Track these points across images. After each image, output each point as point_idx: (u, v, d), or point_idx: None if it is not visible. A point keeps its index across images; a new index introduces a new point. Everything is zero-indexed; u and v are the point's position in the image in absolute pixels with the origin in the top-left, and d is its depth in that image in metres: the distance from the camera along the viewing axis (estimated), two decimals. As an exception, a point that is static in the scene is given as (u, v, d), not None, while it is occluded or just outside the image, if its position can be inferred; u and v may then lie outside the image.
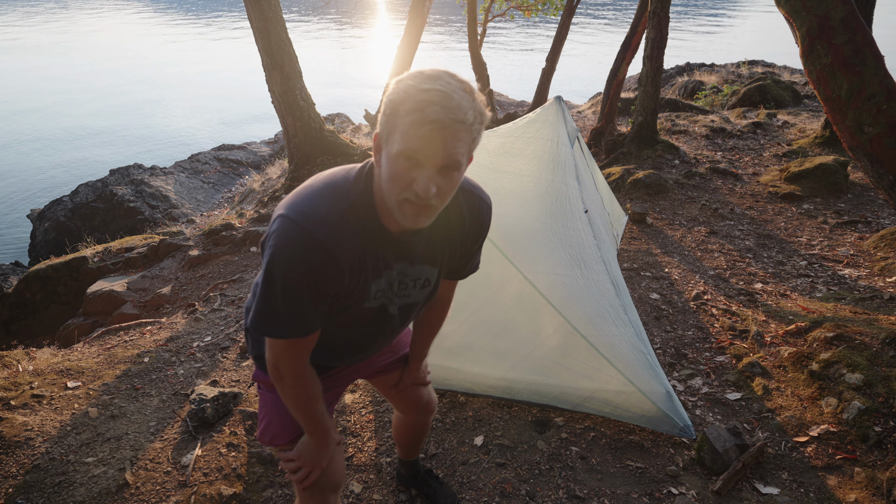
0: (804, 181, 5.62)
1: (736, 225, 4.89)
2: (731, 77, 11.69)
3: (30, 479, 2.27)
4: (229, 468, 2.34)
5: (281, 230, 1.14)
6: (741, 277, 3.91)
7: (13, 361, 3.13)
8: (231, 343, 3.41)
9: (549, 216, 2.64)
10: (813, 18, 2.79)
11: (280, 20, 6.75)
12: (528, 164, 2.83)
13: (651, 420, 2.37)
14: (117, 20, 46.66)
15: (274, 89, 6.96)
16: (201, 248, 5.55)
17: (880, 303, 3.34)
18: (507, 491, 2.20)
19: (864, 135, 2.77)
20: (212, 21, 45.23)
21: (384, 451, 2.45)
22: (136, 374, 3.06)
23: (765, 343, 3.01)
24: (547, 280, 2.45)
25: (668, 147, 6.62)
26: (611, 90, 7.40)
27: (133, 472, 2.31)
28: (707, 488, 2.17)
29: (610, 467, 2.29)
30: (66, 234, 9.05)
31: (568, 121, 3.19)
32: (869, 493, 2.08)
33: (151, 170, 10.75)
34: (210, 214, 7.67)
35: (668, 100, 9.36)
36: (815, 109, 8.91)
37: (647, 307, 3.49)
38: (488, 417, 2.58)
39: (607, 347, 2.37)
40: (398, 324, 1.42)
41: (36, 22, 45.03)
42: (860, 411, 2.37)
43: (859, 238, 4.52)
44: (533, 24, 38.58)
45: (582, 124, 9.56)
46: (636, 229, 4.86)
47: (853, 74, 2.73)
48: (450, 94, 1.03)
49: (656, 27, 6.14)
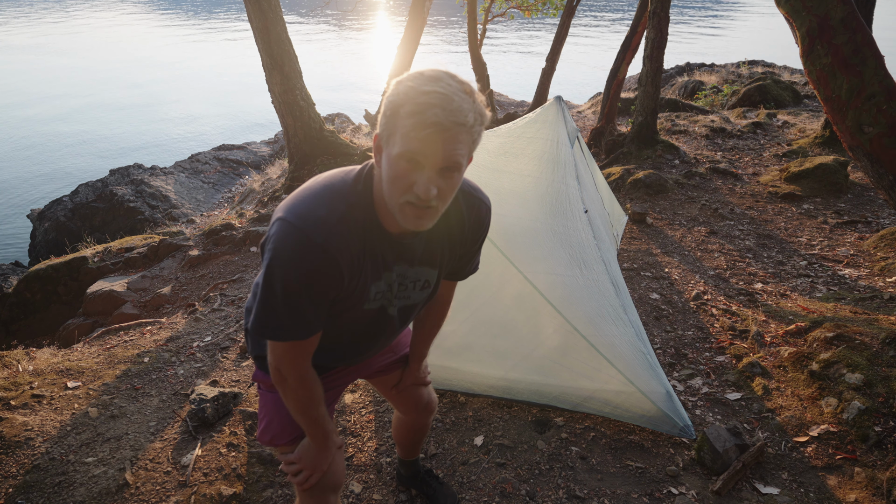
0: (804, 181, 5.62)
1: (736, 225, 4.89)
2: (731, 77, 11.70)
3: (30, 479, 2.27)
4: (229, 468, 2.34)
5: (280, 233, 1.14)
6: (741, 277, 3.91)
7: (13, 361, 3.13)
8: (231, 343, 3.41)
9: (549, 216, 2.64)
10: (813, 18, 2.79)
11: (280, 20, 6.75)
12: (528, 163, 2.84)
13: (651, 420, 2.37)
14: (116, 20, 46.66)
15: (274, 89, 6.96)
16: (201, 248, 5.55)
17: (880, 303, 3.34)
18: (507, 491, 2.20)
19: (864, 135, 2.77)
20: (210, 20, 45.25)
21: (384, 451, 2.45)
22: (136, 374, 3.06)
23: (765, 343, 3.01)
24: (547, 280, 2.45)
25: (668, 147, 6.62)
26: (611, 90, 7.40)
27: (133, 472, 2.31)
28: (707, 488, 2.17)
29: (610, 467, 2.29)
30: (66, 234, 9.05)
31: (568, 121, 3.19)
32: (869, 493, 2.08)
33: (151, 170, 10.75)
34: (210, 214, 7.67)
35: (668, 100, 9.36)
36: (815, 109, 8.91)
37: (647, 307, 3.49)
38: (488, 417, 2.58)
39: (607, 347, 2.37)
40: (398, 325, 1.43)
41: (30, 22, 45.03)
42: (860, 411, 2.37)
43: (859, 238, 4.52)
44: (533, 25, 38.58)
45: (582, 124, 9.56)
46: (636, 229, 4.87)
47: (853, 74, 2.73)
48: (450, 96, 1.03)
49: (656, 27, 6.14)
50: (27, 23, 44.75)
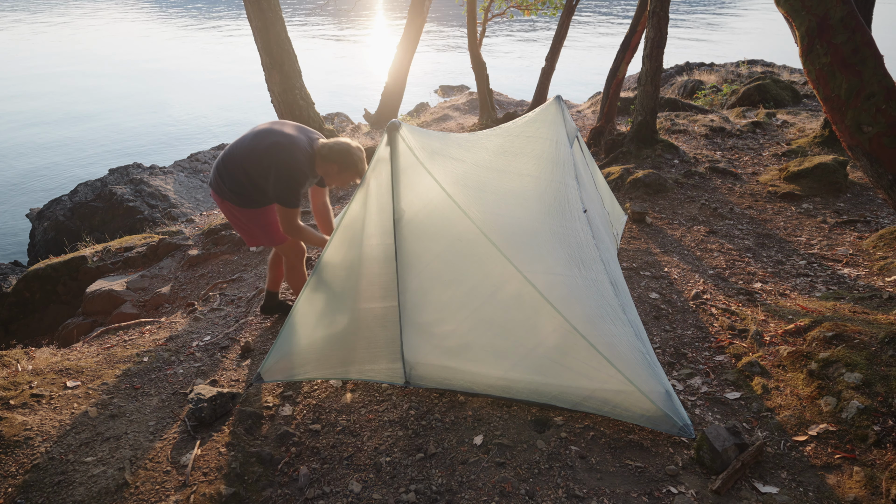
0: (803, 180, 5.63)
1: (735, 224, 4.89)
2: (730, 76, 11.69)
3: (29, 479, 2.27)
4: (228, 468, 2.34)
5: None
6: (740, 277, 3.91)
7: (12, 361, 3.13)
8: (230, 342, 3.41)
9: (548, 215, 2.64)
10: (812, 18, 2.79)
11: (279, 19, 6.75)
12: (528, 163, 2.84)
13: (650, 419, 2.37)
14: (115, 19, 46.61)
15: (273, 88, 6.95)
16: (201, 248, 5.55)
17: (879, 302, 3.34)
18: (506, 490, 2.20)
19: (863, 134, 2.77)
20: (210, 19, 45.20)
21: (384, 450, 2.45)
22: (135, 374, 3.06)
23: (764, 342, 3.01)
24: (546, 279, 2.45)
25: (667, 146, 6.62)
26: (610, 89, 7.40)
27: (132, 472, 2.31)
28: (706, 487, 2.17)
29: (609, 466, 2.29)
30: (66, 233, 9.05)
31: (567, 120, 3.19)
32: (868, 492, 2.08)
33: (151, 169, 10.73)
34: (209, 214, 7.67)
35: (667, 99, 9.35)
36: (814, 109, 8.91)
37: (646, 306, 3.50)
38: (488, 417, 2.58)
39: (606, 347, 2.37)
40: None
41: (35, 20, 44.99)
42: (859, 410, 2.37)
43: (858, 237, 4.53)
44: (532, 24, 38.55)
45: (581, 124, 9.56)
46: (636, 229, 4.87)
47: (852, 74, 2.73)
48: None
49: (656, 26, 6.14)
50: (27, 23, 44.71)
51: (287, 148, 2.84)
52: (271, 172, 2.83)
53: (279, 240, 3.14)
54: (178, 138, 17.23)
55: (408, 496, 2.20)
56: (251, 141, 2.91)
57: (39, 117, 18.88)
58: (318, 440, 2.53)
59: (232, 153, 2.94)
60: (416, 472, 2.33)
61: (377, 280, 2.64)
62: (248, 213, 3.04)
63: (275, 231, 3.11)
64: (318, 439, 2.54)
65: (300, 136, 2.92)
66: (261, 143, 2.88)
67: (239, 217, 3.06)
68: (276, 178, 2.83)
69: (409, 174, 2.49)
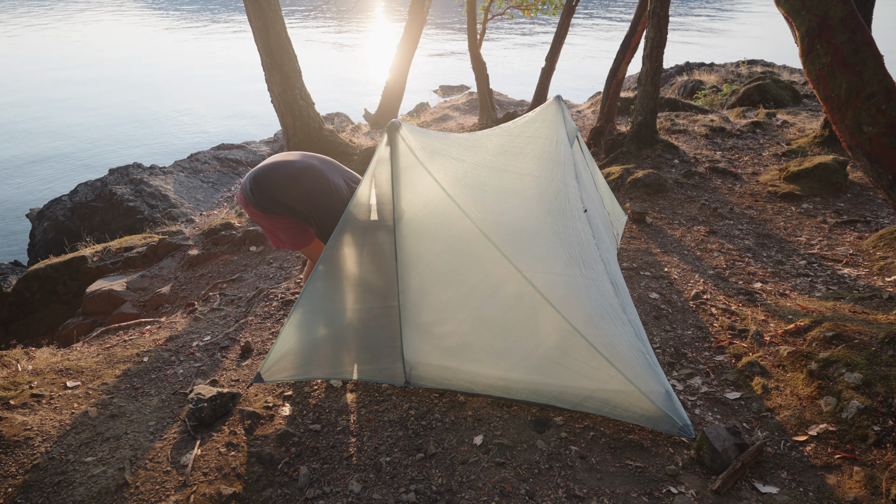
0: (803, 180, 5.63)
1: (735, 224, 4.89)
2: (730, 76, 11.69)
3: (29, 479, 2.27)
4: (229, 468, 2.34)
5: None
6: (740, 277, 3.91)
7: (12, 361, 3.13)
8: (231, 343, 3.41)
9: (548, 215, 2.64)
10: (812, 18, 2.79)
11: (279, 19, 6.75)
12: (528, 162, 2.83)
13: (650, 419, 2.37)
14: (113, 18, 46.62)
15: (273, 88, 6.95)
16: (201, 248, 5.55)
17: (879, 302, 3.34)
18: (506, 490, 2.20)
19: (863, 134, 2.77)
20: (209, 18, 45.21)
21: (383, 450, 2.45)
22: (135, 374, 3.06)
23: (764, 342, 3.01)
24: (546, 279, 2.45)
25: (667, 146, 6.62)
26: (610, 89, 7.40)
27: (132, 472, 2.31)
28: (706, 487, 2.17)
29: (609, 466, 2.29)
30: (66, 233, 9.04)
31: (567, 120, 3.19)
32: (868, 492, 2.08)
33: (151, 169, 10.72)
34: (209, 214, 7.67)
35: (667, 99, 9.35)
36: (814, 109, 8.91)
37: (646, 306, 3.50)
38: (488, 417, 2.58)
39: (606, 347, 2.37)
40: None
41: (26, 19, 44.99)
42: (859, 410, 2.37)
43: (858, 237, 4.53)
44: (532, 24, 38.56)
45: (581, 124, 9.56)
46: (636, 228, 4.87)
47: (852, 74, 2.73)
48: None
49: (656, 26, 6.14)
50: (28, 22, 44.70)
51: (328, 196, 2.90)
52: (313, 217, 2.93)
53: (303, 244, 3.17)
54: (178, 138, 17.22)
55: (408, 496, 2.20)
56: (293, 181, 2.90)
57: (40, 120, 18.88)
58: (318, 440, 2.53)
59: (270, 179, 2.92)
60: (416, 472, 2.33)
61: (377, 280, 2.64)
62: (273, 219, 3.07)
63: (299, 235, 3.15)
64: (318, 439, 2.54)
65: (340, 183, 2.99)
66: (303, 187, 2.91)
67: (264, 222, 3.12)
68: (317, 223, 2.94)
69: (409, 174, 2.49)
